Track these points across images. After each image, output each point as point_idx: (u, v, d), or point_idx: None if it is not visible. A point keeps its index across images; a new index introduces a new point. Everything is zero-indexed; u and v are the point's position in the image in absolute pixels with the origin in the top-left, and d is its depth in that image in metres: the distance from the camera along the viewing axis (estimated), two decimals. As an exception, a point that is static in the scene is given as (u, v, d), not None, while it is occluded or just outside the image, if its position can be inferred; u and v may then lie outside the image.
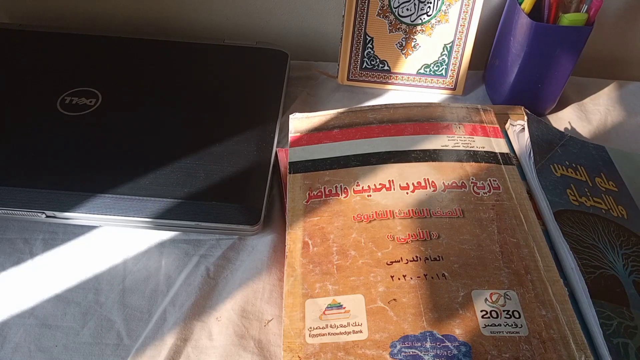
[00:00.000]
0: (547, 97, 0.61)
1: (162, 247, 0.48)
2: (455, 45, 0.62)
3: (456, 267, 0.43)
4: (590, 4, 0.53)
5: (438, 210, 0.46)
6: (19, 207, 0.46)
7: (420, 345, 0.38)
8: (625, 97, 0.66)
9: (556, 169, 0.48)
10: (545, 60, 0.56)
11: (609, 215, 0.46)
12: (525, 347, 0.38)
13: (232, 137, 0.52)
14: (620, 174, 0.51)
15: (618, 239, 0.45)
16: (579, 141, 0.54)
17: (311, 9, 0.67)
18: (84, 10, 0.69)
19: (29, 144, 0.50)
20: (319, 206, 0.47)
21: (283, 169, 0.53)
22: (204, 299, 0.44)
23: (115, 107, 0.54)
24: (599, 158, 0.53)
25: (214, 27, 0.70)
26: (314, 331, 0.40)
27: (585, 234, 0.44)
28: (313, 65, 0.68)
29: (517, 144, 0.52)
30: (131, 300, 0.44)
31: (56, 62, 0.59)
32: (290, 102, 0.63)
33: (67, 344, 0.41)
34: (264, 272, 0.46)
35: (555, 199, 0.46)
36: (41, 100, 0.54)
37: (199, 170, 0.48)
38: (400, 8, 0.60)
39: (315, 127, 0.54)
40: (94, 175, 0.48)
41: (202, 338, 0.42)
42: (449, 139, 0.52)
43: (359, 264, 0.43)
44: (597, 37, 0.66)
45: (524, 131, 0.51)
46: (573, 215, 0.45)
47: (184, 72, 0.60)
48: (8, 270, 0.46)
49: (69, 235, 0.48)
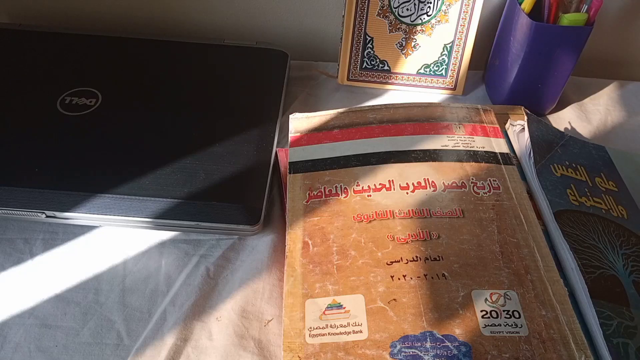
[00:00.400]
0: (547, 97, 0.61)
1: (162, 247, 0.48)
2: (455, 45, 0.62)
3: (456, 267, 0.43)
4: (590, 4, 0.53)
5: (438, 210, 0.46)
6: (19, 207, 0.46)
7: (420, 345, 0.38)
8: (625, 97, 0.66)
9: (556, 169, 0.48)
10: (545, 60, 0.56)
11: (609, 215, 0.46)
12: (525, 347, 0.38)
13: (232, 137, 0.52)
14: (620, 174, 0.51)
15: (618, 239, 0.45)
16: (579, 141, 0.54)
17: (311, 9, 0.67)
18: (83, 10, 0.69)
19: (29, 144, 0.50)
20: (319, 206, 0.47)
21: (283, 169, 0.53)
22: (204, 299, 0.44)
23: (115, 107, 0.54)
24: (599, 158, 0.53)
25: (214, 27, 0.70)
26: (314, 331, 0.40)
27: (585, 234, 0.44)
28: (313, 65, 0.68)
29: (517, 144, 0.52)
30: (131, 300, 0.44)
31: (56, 62, 0.59)
32: (290, 102, 0.63)
33: (67, 344, 0.41)
34: (264, 272, 0.46)
35: (555, 199, 0.46)
36: (41, 100, 0.54)
37: (199, 170, 0.48)
38: (400, 8, 0.60)
39: (315, 127, 0.54)
40: (94, 175, 0.48)
41: (202, 338, 0.42)
42: (449, 139, 0.52)
43: (359, 264, 0.43)
44: (597, 37, 0.66)
45: (524, 131, 0.51)
46: (573, 215, 0.45)
47: (184, 72, 0.60)
48: (8, 270, 0.46)
49: (69, 235, 0.48)
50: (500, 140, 0.52)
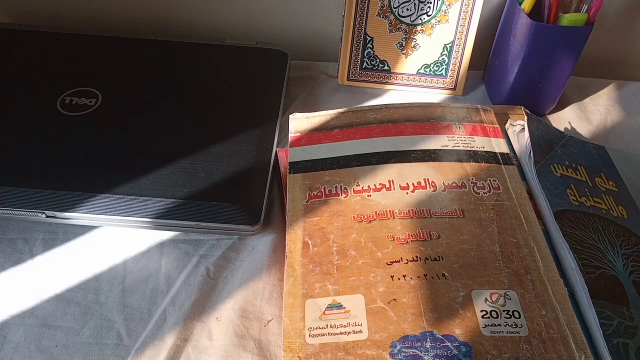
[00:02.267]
0: (547, 97, 0.61)
1: (162, 247, 0.48)
2: (455, 45, 0.62)
3: (456, 267, 0.43)
4: (590, 4, 0.53)
5: (438, 210, 0.46)
6: (19, 207, 0.46)
7: (420, 345, 0.38)
8: (625, 97, 0.66)
9: (556, 169, 0.48)
10: (545, 60, 0.56)
11: (609, 215, 0.46)
12: (525, 347, 0.38)
13: (232, 137, 0.52)
14: (621, 174, 0.51)
15: (618, 239, 0.45)
16: (579, 141, 0.54)
17: (311, 9, 0.67)
18: (83, 10, 0.69)
19: (29, 144, 0.50)
20: (319, 206, 0.47)
21: (283, 169, 0.53)
22: (204, 299, 0.44)
23: (115, 107, 0.54)
24: (599, 158, 0.53)
25: (214, 27, 0.70)
26: (314, 331, 0.40)
27: (585, 234, 0.44)
28: (313, 65, 0.68)
29: (517, 144, 0.52)
30: (131, 300, 0.44)
31: (56, 62, 0.59)
32: (290, 102, 0.63)
33: (67, 344, 0.41)
34: (264, 272, 0.46)
35: (555, 199, 0.46)
36: (41, 100, 0.54)
37: (199, 170, 0.48)
38: (400, 8, 0.60)
39: (315, 127, 0.54)
40: (94, 175, 0.48)
41: (202, 338, 0.42)
42: (449, 139, 0.52)
43: (359, 264, 0.43)
44: (597, 37, 0.66)
45: (524, 131, 0.51)
46: (573, 215, 0.45)
47: (184, 72, 0.60)
48: (8, 270, 0.46)
49: (69, 235, 0.48)
50: (500, 140, 0.52)
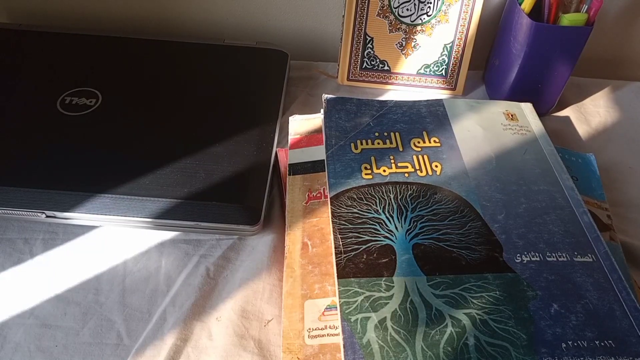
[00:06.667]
0: (547, 97, 0.61)
1: (162, 247, 0.48)
2: (455, 45, 0.62)
3: None
4: (590, 4, 0.53)
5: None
6: (19, 207, 0.46)
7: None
8: (625, 97, 0.66)
9: (357, 146, 0.49)
10: (545, 60, 0.56)
11: (411, 178, 0.47)
12: None
13: (232, 137, 0.52)
14: (452, 126, 0.52)
15: (414, 202, 0.45)
16: (407, 102, 0.55)
17: (311, 9, 0.67)
18: (83, 10, 0.69)
19: (29, 144, 0.50)
20: (318, 207, 0.47)
21: (283, 168, 0.53)
22: (204, 299, 0.44)
23: (115, 107, 0.54)
24: (429, 114, 0.53)
25: (214, 27, 0.70)
26: (313, 332, 0.40)
27: (366, 209, 0.44)
28: (313, 65, 0.68)
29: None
30: (131, 300, 0.44)
31: (56, 62, 0.59)
32: (290, 102, 0.63)
33: (67, 344, 0.41)
34: (264, 272, 0.46)
35: (340, 180, 0.47)
36: (41, 100, 0.54)
37: (199, 170, 0.49)
38: (400, 8, 0.60)
39: (314, 129, 0.54)
40: (94, 175, 0.48)
41: (202, 338, 0.42)
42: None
43: (358, 265, 0.43)
44: (597, 37, 0.66)
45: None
46: (357, 193, 0.46)
47: (184, 72, 0.60)
48: (8, 270, 0.46)
49: (69, 235, 0.48)
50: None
